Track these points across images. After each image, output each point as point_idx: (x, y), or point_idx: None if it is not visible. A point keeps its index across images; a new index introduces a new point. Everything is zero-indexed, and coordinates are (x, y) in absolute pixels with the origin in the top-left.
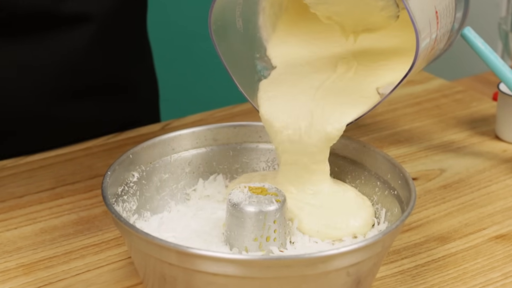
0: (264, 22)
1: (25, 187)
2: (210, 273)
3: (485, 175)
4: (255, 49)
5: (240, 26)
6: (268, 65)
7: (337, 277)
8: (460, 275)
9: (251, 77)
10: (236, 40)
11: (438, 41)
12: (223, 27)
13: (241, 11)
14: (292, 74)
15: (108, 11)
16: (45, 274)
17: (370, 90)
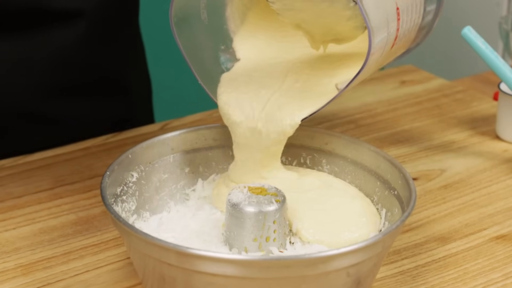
0: (232, 14)
1: (24, 187)
2: (210, 274)
3: (485, 175)
4: (220, 41)
5: (205, 17)
6: (232, 57)
7: (337, 278)
8: (460, 275)
9: (214, 69)
10: (199, 31)
11: (401, 37)
12: (185, 18)
13: (206, 3)
14: (255, 68)
15: (100, 7)
16: (43, 275)
17: (329, 87)
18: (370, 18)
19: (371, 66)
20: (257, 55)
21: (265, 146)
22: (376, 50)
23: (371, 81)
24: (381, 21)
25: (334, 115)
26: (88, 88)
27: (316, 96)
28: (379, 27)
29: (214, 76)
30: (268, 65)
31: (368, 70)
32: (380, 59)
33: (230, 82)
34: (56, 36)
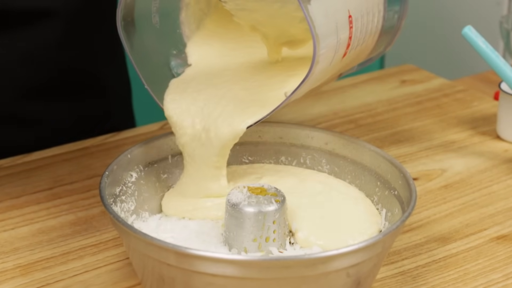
0: (187, 18)
1: (22, 187)
2: (209, 274)
3: (486, 175)
4: (171, 46)
5: (157, 21)
6: (184, 63)
7: (337, 278)
8: (461, 276)
9: (163, 74)
10: (149, 35)
11: (356, 46)
12: (134, 22)
13: (158, 7)
14: (205, 75)
15: (74, 7)
16: (42, 275)
17: (278, 94)
18: (316, 25)
19: (318, 75)
20: (209, 61)
21: (209, 155)
22: (322, 59)
23: (371, 81)
24: (329, 29)
25: (334, 114)
26: (64, 89)
27: (263, 104)
28: (326, 35)
29: (163, 82)
30: (219, 72)
31: (315, 79)
32: (329, 68)
33: (178, 88)
34: (29, 36)
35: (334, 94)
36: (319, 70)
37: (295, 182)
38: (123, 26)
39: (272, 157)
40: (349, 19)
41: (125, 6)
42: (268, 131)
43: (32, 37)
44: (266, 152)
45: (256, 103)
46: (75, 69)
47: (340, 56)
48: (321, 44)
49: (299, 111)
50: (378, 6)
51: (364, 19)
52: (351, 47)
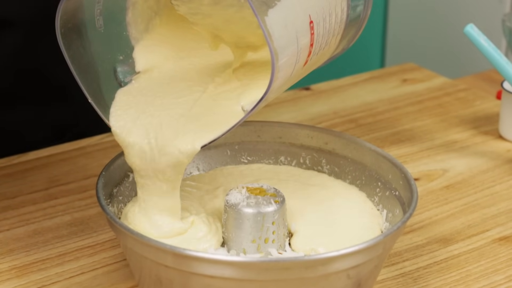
0: (134, 19)
1: (18, 188)
2: (207, 276)
3: (488, 175)
4: (118, 50)
5: (101, 25)
6: (131, 70)
7: (337, 280)
8: (463, 277)
9: (109, 84)
10: (93, 41)
11: (317, 50)
12: (75, 28)
13: (101, 9)
14: (154, 85)
15: (34, 16)
16: (38, 277)
17: (234, 110)
18: (274, 38)
19: (278, 88)
20: (158, 68)
21: (160, 177)
22: (281, 74)
23: (372, 80)
24: (288, 40)
25: (334, 114)
26: (28, 97)
27: (219, 120)
28: (285, 47)
29: (110, 92)
30: (170, 80)
31: (276, 90)
32: (291, 77)
33: (124, 100)
34: None
35: (334, 93)
36: (278, 84)
37: (294, 183)
38: (62, 34)
39: (271, 157)
40: (310, 25)
41: (65, 12)
42: (267, 130)
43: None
44: (265, 152)
45: (210, 118)
46: (37, 76)
47: (301, 65)
48: (280, 57)
49: (299, 111)
50: (341, 3)
51: (326, 22)
52: (313, 53)
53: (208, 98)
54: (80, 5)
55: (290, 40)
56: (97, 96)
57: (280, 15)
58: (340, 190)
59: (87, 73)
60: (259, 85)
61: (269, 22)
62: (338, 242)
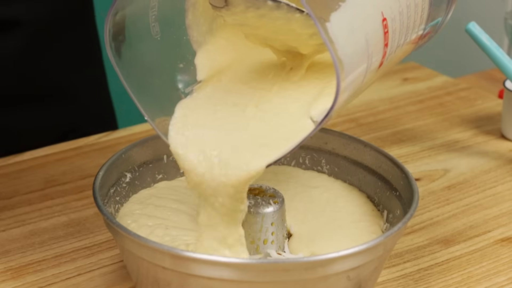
0: (195, 20)
1: (14, 188)
2: (205, 277)
3: (490, 175)
4: (178, 58)
5: (157, 32)
6: (193, 79)
7: (337, 281)
8: (464, 279)
9: (168, 97)
10: (149, 51)
11: (396, 46)
12: (127, 40)
13: (156, 15)
14: (217, 94)
15: (41, 16)
16: (34, 278)
17: (301, 121)
18: (338, 46)
19: (350, 95)
20: (222, 75)
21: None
22: (351, 79)
23: None
24: (356, 45)
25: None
26: (32, 99)
27: (286, 135)
28: (352, 54)
29: (168, 107)
30: (233, 89)
31: (347, 98)
32: (362, 85)
33: (184, 114)
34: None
35: None
36: (347, 93)
37: (294, 184)
38: (113, 48)
39: None
40: (383, 23)
41: (114, 25)
42: None
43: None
44: None
45: (276, 133)
46: (41, 78)
47: (374, 69)
48: (346, 67)
49: None
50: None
51: (403, 15)
52: (389, 53)
53: (274, 107)
54: (131, 13)
55: (358, 45)
56: (154, 112)
57: (345, 18)
58: (340, 191)
59: (143, 88)
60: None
61: (332, 29)
62: (338, 244)
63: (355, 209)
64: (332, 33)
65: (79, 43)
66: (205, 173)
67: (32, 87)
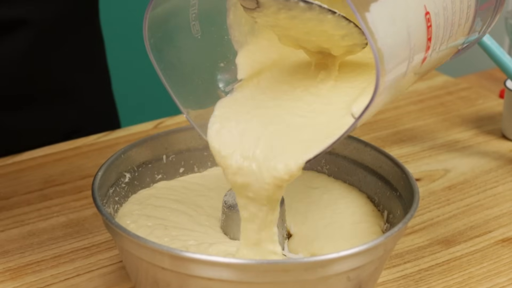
0: (236, 20)
1: (12, 188)
2: (205, 278)
3: (491, 175)
4: (218, 57)
5: (197, 30)
6: (233, 78)
7: (337, 282)
8: (465, 279)
9: (208, 95)
10: (189, 49)
11: (440, 42)
12: (166, 37)
13: (197, 13)
14: (257, 93)
15: (46, 16)
16: (33, 279)
17: (341, 118)
18: (378, 37)
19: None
20: (263, 74)
21: (261, 196)
22: (391, 72)
23: None
24: (397, 37)
25: None
26: (36, 99)
27: (324, 131)
28: (392, 45)
29: (208, 105)
30: (273, 88)
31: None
32: (406, 76)
33: (224, 112)
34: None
35: None
36: (388, 86)
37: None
38: (152, 45)
39: None
40: (425, 16)
41: (153, 20)
42: None
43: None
44: None
45: (315, 130)
46: (45, 78)
47: (417, 64)
48: (386, 58)
49: None
50: None
51: (448, 11)
52: (432, 48)
53: (313, 106)
54: (171, 10)
55: (399, 36)
56: (194, 110)
57: (386, 9)
58: (340, 191)
59: (183, 86)
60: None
61: (372, 18)
62: (338, 244)
63: (355, 210)
64: (372, 24)
65: (84, 44)
66: (244, 171)
67: (36, 87)
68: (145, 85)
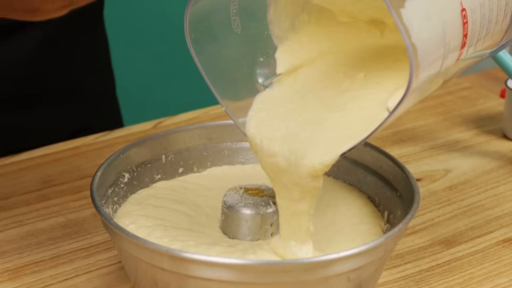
0: (277, 16)
1: (11, 188)
2: (204, 279)
3: (492, 175)
4: (258, 52)
5: (238, 25)
6: (273, 72)
7: (337, 283)
8: (466, 280)
9: (247, 89)
10: (230, 44)
11: (477, 39)
12: (207, 32)
13: (237, 9)
14: (296, 87)
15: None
16: (31, 280)
17: (379, 114)
18: (413, 32)
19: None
20: (302, 69)
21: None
22: (426, 68)
23: None
24: (432, 32)
25: None
26: (42, 99)
27: (361, 127)
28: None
29: (247, 99)
30: (312, 82)
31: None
32: (440, 73)
33: (263, 106)
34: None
35: None
36: (422, 82)
37: None
38: (193, 39)
39: None
40: (462, 13)
41: (195, 14)
42: None
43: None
44: None
45: (351, 126)
46: (51, 78)
47: (452, 60)
48: (420, 53)
49: None
50: None
51: (485, 7)
52: (468, 45)
53: (351, 101)
54: (212, 5)
55: (434, 32)
56: (232, 104)
57: (421, 5)
58: (341, 192)
59: (222, 79)
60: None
61: (406, 14)
62: (338, 246)
63: (356, 211)
64: (406, 19)
65: (92, 44)
66: (283, 163)
67: (43, 87)
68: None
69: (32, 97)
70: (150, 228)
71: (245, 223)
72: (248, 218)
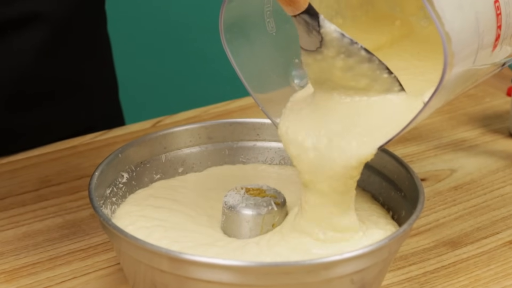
0: None
1: (7, 188)
2: (204, 281)
3: (498, 175)
4: (293, 54)
5: (272, 27)
6: (306, 73)
7: (340, 285)
8: (471, 282)
9: (283, 89)
10: (265, 45)
11: (510, 36)
12: (242, 33)
13: (271, 11)
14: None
15: (63, 11)
16: (28, 282)
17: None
18: (445, 20)
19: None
20: None
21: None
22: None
23: None
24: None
25: None
26: (45, 97)
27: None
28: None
29: (283, 98)
30: None
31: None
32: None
33: (298, 105)
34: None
35: None
36: (456, 73)
37: (295, 184)
38: (228, 40)
39: (271, 157)
40: (495, 4)
41: (229, 15)
42: (267, 129)
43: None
44: (265, 152)
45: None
46: (54, 76)
47: (487, 52)
48: (454, 42)
49: None
50: None
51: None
52: (503, 36)
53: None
54: (246, 7)
55: (467, 22)
56: (269, 103)
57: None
58: None
59: (258, 79)
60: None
61: (439, 3)
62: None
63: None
64: (438, 7)
65: (92, 42)
66: (317, 159)
67: (42, 87)
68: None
69: (33, 97)
70: (150, 229)
71: (246, 224)
72: (250, 219)
